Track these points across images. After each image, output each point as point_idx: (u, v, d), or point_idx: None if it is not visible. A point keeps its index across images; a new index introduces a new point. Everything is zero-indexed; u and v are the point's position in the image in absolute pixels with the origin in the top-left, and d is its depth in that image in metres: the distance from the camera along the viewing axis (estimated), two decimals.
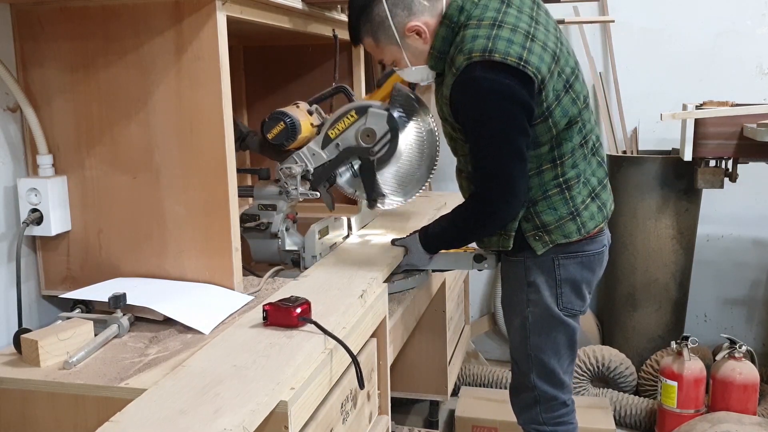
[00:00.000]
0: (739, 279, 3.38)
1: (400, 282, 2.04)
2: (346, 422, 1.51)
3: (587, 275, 1.83)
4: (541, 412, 1.91)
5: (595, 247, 1.83)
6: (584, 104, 1.76)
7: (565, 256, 1.79)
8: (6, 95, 1.67)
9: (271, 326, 1.40)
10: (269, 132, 1.94)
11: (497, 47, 1.60)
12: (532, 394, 1.90)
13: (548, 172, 1.74)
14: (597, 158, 1.84)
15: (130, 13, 1.61)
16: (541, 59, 1.63)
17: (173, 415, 1.06)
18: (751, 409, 2.66)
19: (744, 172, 2.84)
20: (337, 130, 1.98)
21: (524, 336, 1.86)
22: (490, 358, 3.64)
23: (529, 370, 1.88)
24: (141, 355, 1.38)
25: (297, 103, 2.07)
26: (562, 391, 1.90)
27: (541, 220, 1.75)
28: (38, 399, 1.28)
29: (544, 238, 1.77)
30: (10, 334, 1.49)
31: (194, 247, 1.68)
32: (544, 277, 1.80)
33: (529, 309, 1.83)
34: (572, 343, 1.88)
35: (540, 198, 1.75)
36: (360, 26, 1.78)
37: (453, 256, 1.99)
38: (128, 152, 1.68)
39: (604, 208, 1.83)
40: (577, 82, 1.74)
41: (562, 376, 1.89)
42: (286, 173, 2.00)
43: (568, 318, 1.83)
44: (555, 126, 1.69)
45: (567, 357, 1.88)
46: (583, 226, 1.77)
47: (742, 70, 3.23)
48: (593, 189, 1.80)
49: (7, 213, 1.68)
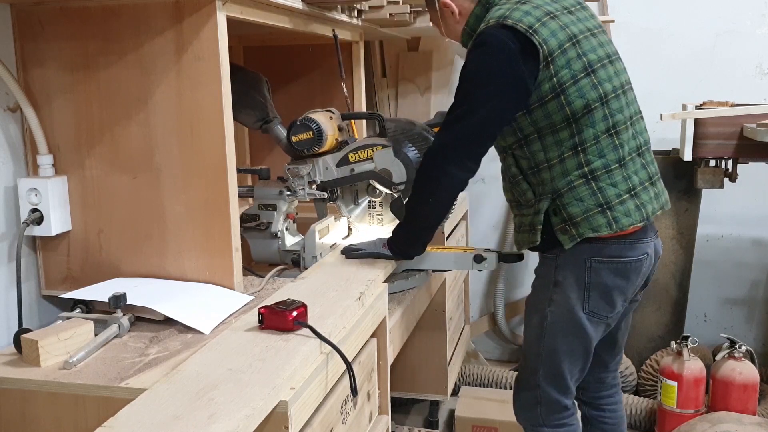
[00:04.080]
0: (739, 279, 3.38)
1: (400, 282, 2.04)
2: (346, 422, 1.51)
3: (621, 282, 1.76)
4: (542, 414, 1.86)
5: (633, 254, 1.75)
6: (613, 94, 1.72)
7: (598, 259, 1.73)
8: (6, 95, 1.67)
9: (266, 329, 1.39)
10: (295, 135, 1.97)
11: (512, 15, 1.68)
12: (534, 393, 1.86)
13: (570, 160, 1.71)
14: (642, 159, 1.79)
15: (130, 13, 1.61)
16: (553, 34, 1.67)
17: (167, 420, 1.05)
18: (751, 409, 2.66)
19: (744, 172, 2.84)
20: (358, 156, 2.00)
21: (539, 335, 1.81)
22: (490, 358, 3.65)
23: (536, 368, 1.84)
24: (141, 355, 1.38)
25: (331, 114, 2.07)
26: (566, 396, 1.86)
27: (568, 212, 1.72)
28: (38, 399, 1.28)
29: (570, 231, 1.72)
30: (10, 334, 1.50)
31: (194, 247, 1.68)
32: (573, 278, 1.75)
33: (550, 308, 1.78)
34: (587, 352, 1.82)
35: (565, 189, 1.72)
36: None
37: (453, 256, 1.99)
38: (128, 152, 1.68)
39: (644, 209, 1.74)
40: (603, 70, 1.72)
41: (569, 382, 1.84)
42: (293, 172, 2.01)
43: (591, 323, 1.77)
44: (568, 105, 1.67)
45: (579, 365, 1.83)
46: (615, 221, 1.70)
47: (742, 70, 3.23)
48: (633, 187, 1.73)
49: (7, 213, 1.68)
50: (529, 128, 1.72)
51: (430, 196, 1.80)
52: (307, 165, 2.02)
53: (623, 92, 1.77)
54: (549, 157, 1.72)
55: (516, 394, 1.95)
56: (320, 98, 2.43)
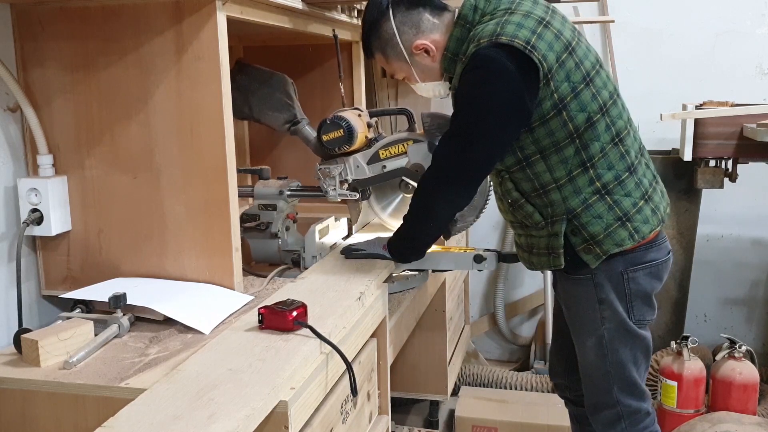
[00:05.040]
0: (739, 279, 3.38)
1: (400, 282, 2.04)
2: (346, 422, 1.51)
3: (656, 284, 1.75)
4: (627, 427, 1.81)
5: (661, 255, 1.75)
6: (611, 101, 1.67)
7: (633, 269, 1.70)
8: (6, 95, 1.67)
9: (266, 329, 1.39)
10: (326, 134, 1.95)
11: (505, 30, 1.58)
12: (615, 410, 1.80)
13: (581, 177, 1.65)
14: (644, 159, 1.76)
15: (130, 13, 1.61)
16: (551, 47, 1.58)
17: (167, 420, 1.05)
18: (751, 409, 2.66)
19: (744, 172, 2.84)
20: (389, 152, 1.99)
21: (602, 354, 1.76)
22: (490, 358, 3.65)
23: (610, 386, 1.78)
24: (141, 355, 1.38)
25: (359, 112, 2.06)
26: (644, 401, 1.82)
27: (589, 232, 1.66)
28: (38, 399, 1.28)
29: (595, 250, 1.67)
30: (10, 334, 1.50)
31: (194, 247, 1.68)
32: (615, 292, 1.71)
33: (605, 327, 1.73)
34: (648, 351, 1.80)
35: (581, 209, 1.66)
36: (371, 42, 1.79)
37: (453, 256, 1.99)
38: (128, 152, 1.68)
39: (658, 211, 1.73)
40: (598, 78, 1.66)
41: (642, 386, 1.81)
42: (324, 173, 2.01)
43: (641, 330, 1.76)
44: (571, 121, 1.61)
45: (644, 364, 1.81)
46: (636, 231, 1.67)
47: (741, 70, 3.23)
48: (645, 191, 1.71)
49: (7, 213, 1.68)
50: (531, 147, 1.65)
51: (429, 219, 1.79)
52: (338, 165, 2.01)
53: (617, 95, 1.73)
54: (556, 177, 1.66)
55: (594, 416, 1.86)
56: (320, 98, 2.43)
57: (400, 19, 1.72)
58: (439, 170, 1.72)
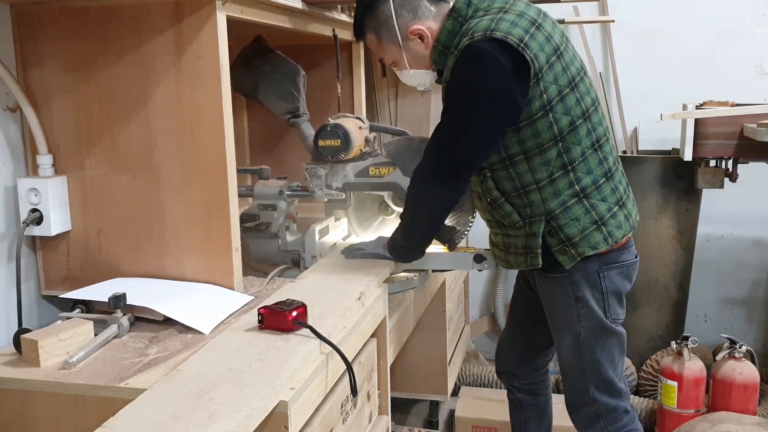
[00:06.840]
0: (739, 279, 3.38)
1: (400, 282, 2.04)
2: (346, 422, 1.51)
3: (627, 285, 1.81)
4: (606, 426, 1.83)
5: (631, 257, 1.80)
6: (593, 107, 1.71)
7: (608, 267, 1.75)
8: (6, 95, 1.67)
9: (266, 330, 1.39)
10: (323, 140, 1.97)
11: (499, 27, 1.60)
12: (593, 408, 1.83)
13: (561, 180, 1.68)
14: (620, 167, 1.81)
15: (130, 13, 1.61)
16: (542, 48, 1.60)
17: (167, 420, 1.05)
18: (751, 409, 2.66)
19: (744, 172, 2.84)
20: (380, 172, 1.99)
21: (578, 351, 1.79)
22: (490, 358, 3.62)
23: (587, 384, 1.81)
24: (141, 355, 1.38)
25: (361, 123, 2.06)
26: (622, 399, 1.84)
27: (566, 234, 1.70)
28: (38, 399, 1.28)
29: (570, 252, 1.71)
30: (10, 334, 1.50)
31: (194, 247, 1.68)
32: (591, 290, 1.75)
33: (581, 324, 1.77)
34: (623, 348, 1.83)
35: (559, 210, 1.69)
36: (365, 22, 1.78)
37: (453, 256, 1.99)
38: (128, 152, 1.68)
39: (630, 217, 1.78)
40: (582, 84, 1.70)
41: (619, 384, 1.83)
42: (311, 172, 2.01)
43: (616, 327, 1.80)
44: (556, 123, 1.64)
45: (620, 362, 1.84)
46: (610, 235, 1.72)
47: (742, 70, 3.23)
48: (620, 197, 1.75)
49: (7, 213, 1.68)
50: (516, 147, 1.67)
51: (424, 216, 1.79)
52: (325, 167, 2.02)
53: (598, 103, 1.75)
54: (538, 178, 1.68)
55: (573, 415, 1.90)
56: (320, 98, 2.43)
57: (398, 2, 1.72)
58: (430, 162, 1.72)
